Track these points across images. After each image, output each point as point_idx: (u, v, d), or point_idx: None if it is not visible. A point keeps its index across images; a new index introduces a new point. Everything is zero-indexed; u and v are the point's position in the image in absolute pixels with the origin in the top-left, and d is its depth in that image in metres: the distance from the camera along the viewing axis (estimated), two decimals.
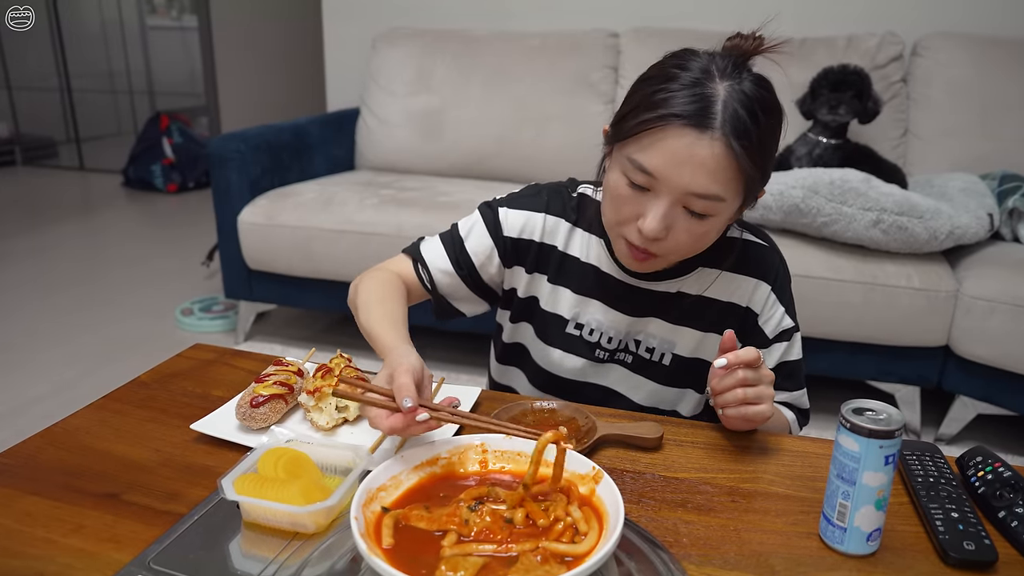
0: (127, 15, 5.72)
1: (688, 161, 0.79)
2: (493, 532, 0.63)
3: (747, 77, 0.82)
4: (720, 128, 0.78)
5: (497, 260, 1.02)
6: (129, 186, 4.75)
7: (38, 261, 3.37)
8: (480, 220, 1.03)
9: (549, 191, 1.04)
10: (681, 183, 0.80)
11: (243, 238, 2.34)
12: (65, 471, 0.79)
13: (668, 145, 0.79)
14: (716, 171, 0.79)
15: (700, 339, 1.00)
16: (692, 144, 0.78)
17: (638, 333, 1.01)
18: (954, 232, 1.86)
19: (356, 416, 0.89)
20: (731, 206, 0.84)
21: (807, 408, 1.05)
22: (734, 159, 0.79)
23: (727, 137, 0.78)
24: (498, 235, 1.01)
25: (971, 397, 1.93)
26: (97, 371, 2.32)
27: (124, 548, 0.67)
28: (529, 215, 1.02)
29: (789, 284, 1.01)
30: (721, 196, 0.81)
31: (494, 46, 2.72)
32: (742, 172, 0.80)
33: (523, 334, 1.08)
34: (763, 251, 1.00)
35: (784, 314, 0.99)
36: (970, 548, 0.67)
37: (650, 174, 0.81)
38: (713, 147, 0.78)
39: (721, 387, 0.82)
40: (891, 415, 0.67)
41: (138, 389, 0.97)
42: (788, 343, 1.00)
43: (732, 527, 0.73)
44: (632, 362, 1.03)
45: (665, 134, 0.79)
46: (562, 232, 1.01)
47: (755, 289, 0.98)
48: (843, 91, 2.10)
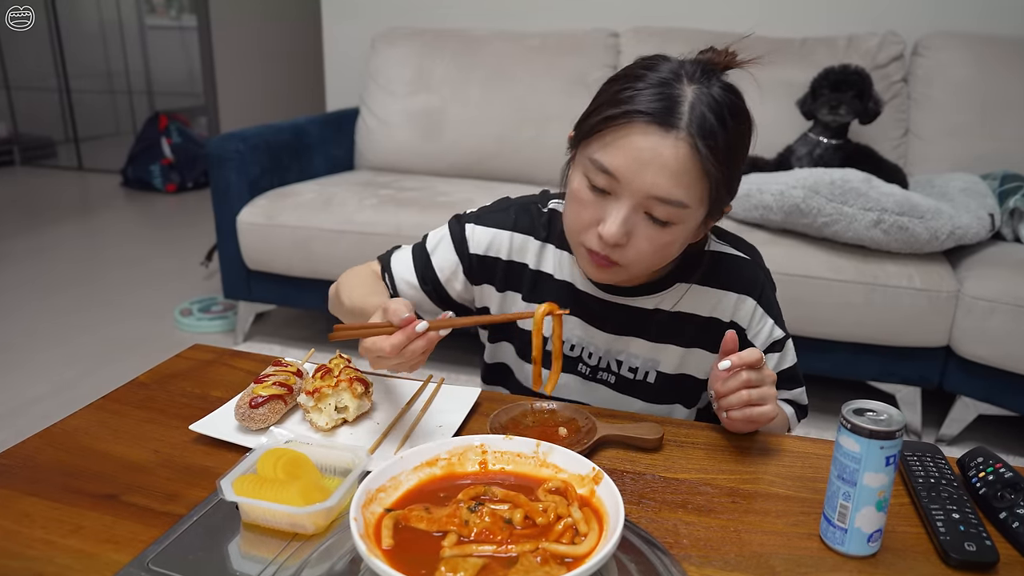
0: (126, 15, 5.71)
1: (651, 161, 0.76)
2: (493, 533, 0.63)
3: (717, 83, 0.80)
4: (686, 128, 0.76)
5: (463, 277, 1.00)
6: (128, 186, 4.74)
7: (37, 261, 3.37)
8: (447, 235, 1.01)
9: (517, 207, 1.01)
10: (643, 185, 0.77)
11: (242, 238, 2.34)
12: (64, 472, 0.79)
13: (631, 144, 0.77)
14: (680, 174, 0.76)
15: (683, 355, 0.98)
16: (656, 144, 0.76)
17: (619, 352, 0.99)
18: (955, 232, 1.86)
19: (355, 417, 0.89)
20: (694, 215, 0.81)
21: (806, 404, 1.04)
22: (699, 161, 0.76)
23: (692, 137, 0.76)
24: (463, 251, 1.00)
25: (972, 398, 1.93)
26: (96, 372, 2.31)
27: (123, 549, 0.67)
28: (496, 232, 0.99)
29: (774, 293, 0.99)
30: (684, 202, 0.78)
31: (494, 46, 2.72)
32: (707, 177, 0.78)
33: (504, 354, 1.07)
34: (743, 264, 0.97)
35: (773, 325, 0.97)
36: (971, 549, 0.67)
37: (612, 175, 0.78)
38: (678, 148, 0.76)
39: (725, 389, 0.82)
40: (892, 416, 0.67)
41: (137, 390, 0.97)
42: (781, 353, 0.98)
43: (732, 528, 0.73)
44: (616, 382, 1.01)
45: (629, 131, 0.77)
46: (532, 250, 0.99)
47: (738, 304, 0.95)
48: (844, 91, 2.09)
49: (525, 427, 0.87)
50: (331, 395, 0.88)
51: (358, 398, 0.89)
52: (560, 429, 0.87)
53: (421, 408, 0.93)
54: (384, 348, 0.75)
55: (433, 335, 0.76)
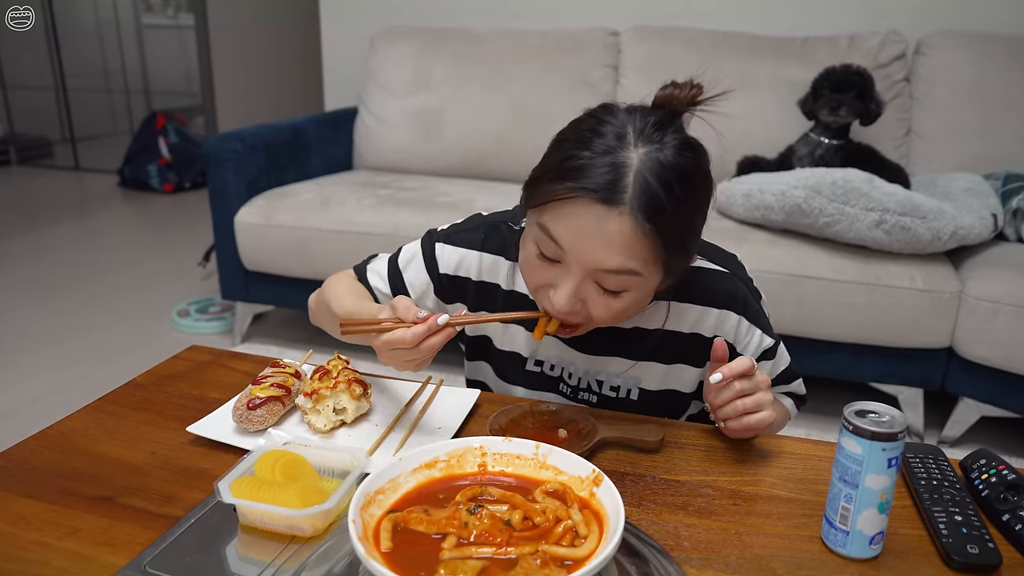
0: (123, 13, 5.69)
1: (596, 236, 0.74)
2: (492, 535, 0.63)
3: (670, 142, 0.75)
4: (628, 204, 0.73)
5: (434, 296, 0.99)
6: (125, 186, 4.73)
7: (33, 262, 3.36)
8: (419, 252, 0.99)
9: (487, 226, 0.98)
10: (590, 259, 0.75)
11: (240, 238, 2.33)
12: (60, 474, 0.78)
13: (576, 220, 0.75)
14: (626, 247, 0.74)
15: (666, 372, 0.96)
16: (599, 219, 0.73)
17: (599, 373, 0.97)
18: (957, 233, 1.85)
19: (354, 419, 0.89)
20: (648, 281, 0.79)
21: (804, 393, 1.04)
22: (644, 235, 0.74)
23: (635, 213, 0.73)
24: (434, 271, 0.98)
25: (975, 399, 1.92)
26: (92, 373, 2.31)
27: (120, 552, 0.67)
28: (464, 253, 0.97)
29: (759, 300, 0.96)
30: (635, 270, 0.76)
31: (493, 45, 2.72)
32: (655, 248, 0.75)
33: (483, 373, 1.06)
34: (722, 279, 0.94)
35: (762, 335, 0.94)
36: (974, 552, 0.67)
37: (559, 246, 0.76)
38: (622, 223, 0.73)
39: (719, 401, 0.82)
40: (894, 417, 0.66)
41: (134, 391, 0.96)
42: (774, 360, 0.97)
43: (733, 530, 0.72)
44: (598, 401, 0.99)
45: (574, 208, 0.74)
46: (503, 270, 0.97)
47: (721, 320, 0.93)
48: (844, 92, 2.08)
49: (525, 429, 0.87)
50: (329, 397, 0.87)
51: (356, 400, 0.88)
52: (560, 431, 0.87)
53: (420, 409, 0.92)
54: (406, 338, 0.76)
55: (450, 330, 0.78)
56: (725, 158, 2.30)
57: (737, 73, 2.42)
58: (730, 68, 2.42)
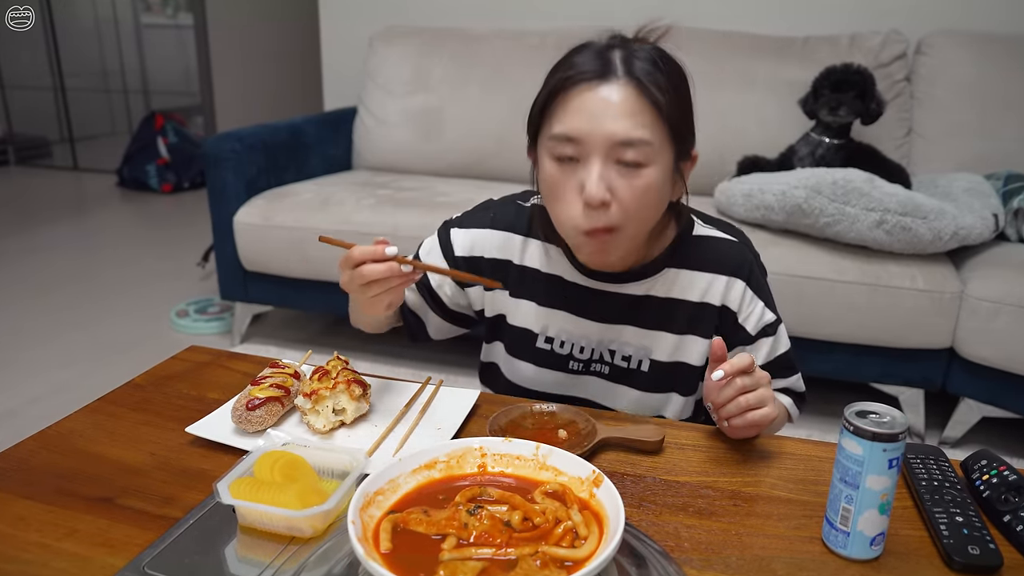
0: (121, 13, 5.69)
1: (604, 111, 0.81)
2: (492, 536, 0.63)
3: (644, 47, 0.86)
4: (625, 75, 0.81)
5: (451, 281, 1.03)
6: (124, 186, 4.72)
7: (31, 262, 3.35)
8: (436, 242, 1.03)
9: (497, 205, 1.03)
10: (604, 135, 0.81)
11: (239, 239, 2.33)
12: (58, 475, 0.78)
13: (581, 103, 0.81)
14: (633, 113, 0.81)
15: (677, 342, 0.98)
16: (602, 94, 0.81)
17: (612, 342, 0.99)
18: (958, 233, 1.85)
19: (353, 419, 0.89)
20: (662, 153, 0.83)
21: (803, 391, 1.04)
22: (646, 97, 0.81)
23: (633, 78, 0.81)
24: (449, 256, 1.02)
25: (976, 400, 1.92)
26: (91, 373, 2.30)
27: (118, 553, 0.67)
28: (477, 233, 1.01)
29: (765, 277, 1.00)
30: (647, 139, 0.81)
31: (493, 45, 2.71)
32: (659, 110, 0.81)
33: (495, 352, 1.08)
34: (731, 247, 0.98)
35: (764, 308, 0.97)
36: (975, 553, 0.67)
37: (573, 139, 0.82)
38: (623, 90, 0.81)
39: (721, 399, 0.82)
40: (895, 418, 0.66)
41: (132, 392, 0.96)
42: (774, 337, 0.98)
43: (734, 531, 0.72)
44: (609, 372, 1.01)
45: (575, 94, 0.82)
46: (515, 245, 1.00)
47: (728, 287, 0.96)
48: (845, 91, 2.08)
49: (524, 429, 0.87)
50: (329, 397, 0.87)
51: (356, 400, 0.88)
52: (560, 431, 0.86)
53: (420, 410, 0.92)
54: (353, 255, 0.83)
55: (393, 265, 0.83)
56: (725, 158, 2.30)
57: (737, 73, 2.42)
58: (730, 68, 2.42)
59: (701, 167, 0.96)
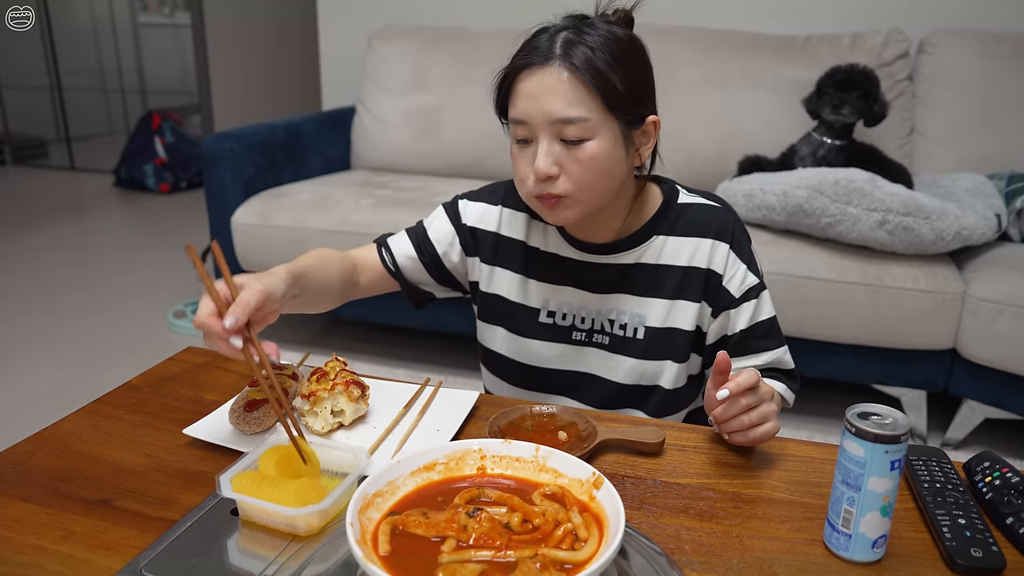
0: (119, 12, 5.68)
1: (541, 93, 0.87)
2: (492, 538, 0.62)
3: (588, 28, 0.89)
4: (558, 59, 0.87)
5: (459, 247, 1.08)
6: (121, 186, 4.72)
7: (28, 263, 3.35)
8: (442, 211, 1.10)
9: (507, 185, 1.08)
10: (544, 115, 0.87)
11: (236, 239, 2.32)
12: (55, 476, 0.78)
13: (523, 89, 0.89)
14: (567, 93, 0.86)
15: (669, 307, 1.01)
16: (541, 79, 0.87)
17: (610, 311, 1.03)
18: (961, 233, 1.84)
19: (351, 421, 0.88)
20: (604, 126, 0.88)
21: (792, 368, 1.04)
22: (580, 76, 0.86)
23: (564, 60, 0.87)
24: (458, 223, 1.08)
25: (978, 401, 1.91)
26: (88, 375, 2.30)
27: (115, 555, 0.66)
28: (486, 207, 1.08)
29: (749, 243, 1.03)
30: (584, 116, 0.87)
31: (492, 44, 2.71)
32: (594, 88, 0.86)
33: (495, 335, 1.10)
34: (715, 211, 1.02)
35: (747, 271, 1.00)
36: (977, 555, 0.67)
37: (522, 121, 0.89)
38: (557, 73, 0.87)
39: (725, 417, 0.82)
40: (897, 419, 0.66)
41: (130, 393, 0.96)
42: (757, 300, 1.00)
43: (735, 533, 0.72)
44: (609, 343, 1.04)
45: (524, 82, 0.89)
46: (521, 224, 1.06)
47: (713, 250, 0.99)
48: (848, 91, 2.07)
49: (524, 431, 0.86)
50: (327, 399, 0.87)
51: (354, 402, 0.88)
52: (560, 433, 0.86)
53: (419, 411, 0.92)
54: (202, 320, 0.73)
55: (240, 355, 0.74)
56: (726, 157, 2.30)
57: (739, 72, 2.41)
58: (732, 67, 2.42)
59: (702, 167, 0.96)
